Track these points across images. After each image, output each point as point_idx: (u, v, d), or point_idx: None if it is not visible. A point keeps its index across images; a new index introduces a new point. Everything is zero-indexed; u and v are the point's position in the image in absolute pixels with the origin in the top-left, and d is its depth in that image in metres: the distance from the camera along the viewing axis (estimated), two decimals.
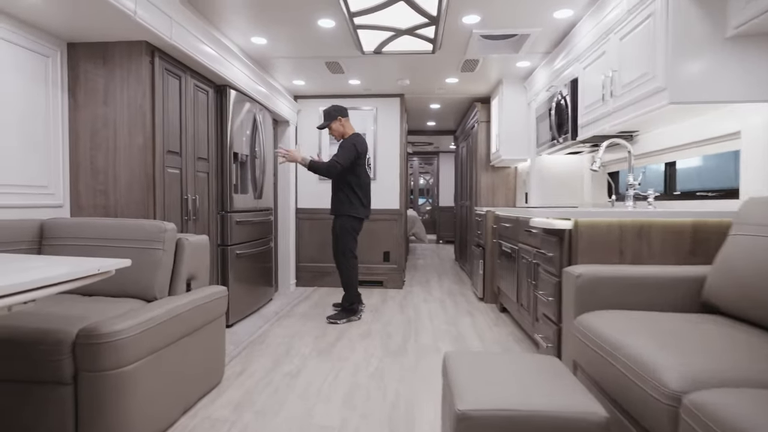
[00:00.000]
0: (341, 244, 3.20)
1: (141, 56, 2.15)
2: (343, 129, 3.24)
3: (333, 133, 3.25)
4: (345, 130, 3.25)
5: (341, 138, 3.23)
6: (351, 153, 3.10)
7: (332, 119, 3.20)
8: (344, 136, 3.22)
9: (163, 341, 1.59)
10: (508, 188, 4.45)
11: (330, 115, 3.21)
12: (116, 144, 2.18)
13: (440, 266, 5.96)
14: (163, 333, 1.58)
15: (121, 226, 1.83)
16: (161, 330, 1.57)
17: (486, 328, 3.04)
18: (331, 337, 2.81)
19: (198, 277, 2.02)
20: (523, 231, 2.66)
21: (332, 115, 3.21)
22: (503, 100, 3.85)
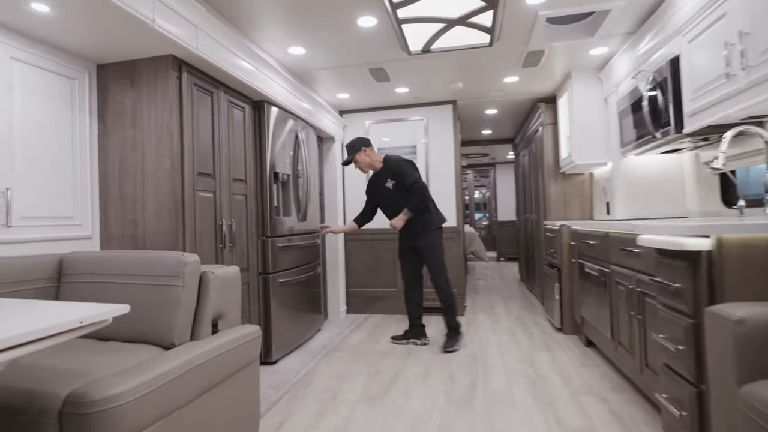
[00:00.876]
0: (437, 261, 3.02)
1: (167, 71, 1.97)
2: (369, 159, 3.03)
3: (360, 165, 3.05)
4: (372, 161, 3.04)
5: (369, 169, 3.07)
6: (411, 167, 3.00)
7: (356, 151, 3.00)
8: (372, 166, 3.05)
9: (178, 401, 1.29)
10: (583, 198, 3.85)
11: (353, 148, 3.01)
12: (144, 168, 2.00)
13: (505, 288, 5.37)
14: (178, 391, 1.29)
15: (138, 259, 1.60)
16: (175, 388, 1.28)
17: (571, 367, 2.48)
18: (384, 378, 2.42)
19: (226, 316, 1.74)
20: (617, 250, 2.12)
21: (355, 147, 3.00)
22: (573, 98, 3.33)
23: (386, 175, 3.01)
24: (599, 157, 3.28)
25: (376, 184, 3.09)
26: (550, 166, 3.91)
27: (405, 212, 2.95)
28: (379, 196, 3.07)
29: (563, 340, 3.06)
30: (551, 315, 3.43)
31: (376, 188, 3.09)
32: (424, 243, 3.02)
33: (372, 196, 3.14)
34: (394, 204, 3.02)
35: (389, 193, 3.01)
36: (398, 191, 3.00)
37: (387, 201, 3.05)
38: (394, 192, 3.00)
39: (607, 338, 2.38)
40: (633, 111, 2.64)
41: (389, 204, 3.04)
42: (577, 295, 2.96)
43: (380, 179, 3.04)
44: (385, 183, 3.02)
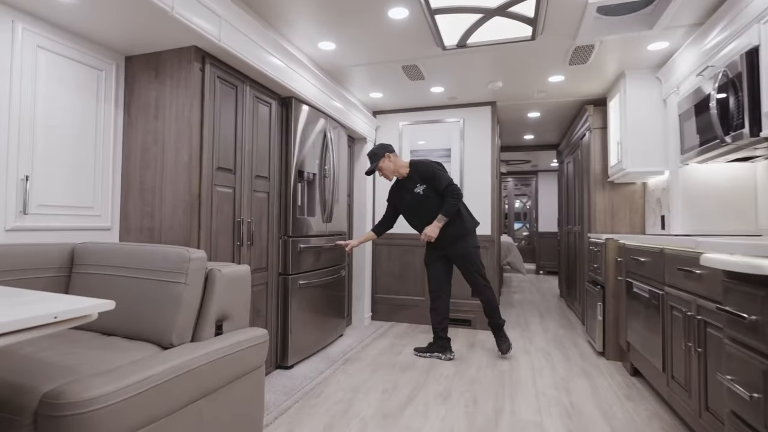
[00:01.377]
0: (477, 267, 2.88)
1: (190, 63, 1.93)
2: (394, 165, 2.89)
3: (384, 173, 2.90)
4: (396, 167, 2.90)
5: (394, 175, 2.91)
6: (443, 171, 2.85)
7: (379, 158, 2.86)
8: (397, 172, 2.90)
9: (167, 407, 1.20)
10: (633, 210, 3.50)
11: (375, 156, 2.87)
12: (163, 161, 1.97)
13: (542, 303, 5.03)
14: (168, 396, 1.20)
15: (143, 253, 1.55)
16: (164, 393, 1.19)
17: (613, 399, 2.20)
18: (402, 394, 2.25)
19: (233, 318, 1.65)
20: (674, 269, 1.85)
21: (378, 154, 2.86)
22: (626, 99, 3.03)
23: (415, 180, 2.86)
24: (654, 165, 2.95)
25: (401, 191, 2.93)
26: (597, 175, 3.59)
27: (440, 218, 2.79)
28: (406, 203, 2.92)
29: (605, 366, 2.75)
30: (592, 337, 3.12)
31: (401, 195, 2.93)
32: (458, 250, 2.85)
33: (397, 204, 2.98)
34: (424, 210, 2.87)
35: (419, 199, 2.86)
36: (429, 196, 2.84)
37: (416, 207, 2.89)
38: (424, 197, 2.84)
39: (657, 370, 2.09)
40: (697, 113, 2.33)
41: (419, 210, 2.89)
42: (623, 316, 2.65)
43: (407, 185, 2.89)
44: (413, 188, 2.86)
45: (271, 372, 2.52)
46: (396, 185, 2.97)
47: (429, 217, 2.87)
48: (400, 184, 2.94)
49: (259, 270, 2.40)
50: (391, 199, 3.01)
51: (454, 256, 2.87)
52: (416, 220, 2.93)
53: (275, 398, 2.16)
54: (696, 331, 1.63)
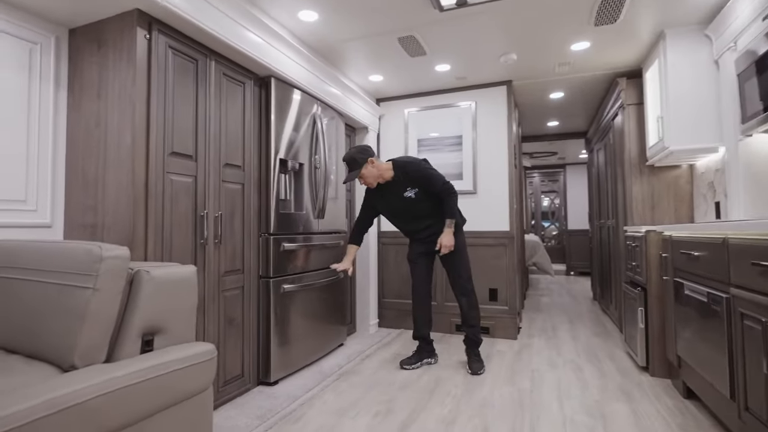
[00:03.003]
0: (467, 266, 2.55)
1: (133, 29, 1.65)
2: (377, 171, 2.48)
3: (367, 180, 2.49)
4: (380, 171, 2.49)
5: (378, 181, 2.51)
6: (432, 169, 2.51)
7: (361, 165, 2.43)
8: (381, 177, 2.50)
9: None
10: (678, 199, 2.99)
11: (356, 162, 2.43)
12: (106, 147, 1.69)
13: (573, 307, 4.51)
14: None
15: (48, 251, 1.25)
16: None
17: (662, 429, 1.74)
18: (397, 419, 1.87)
19: (168, 330, 1.33)
20: (744, 265, 1.39)
21: (357, 160, 2.43)
22: (667, 65, 2.54)
23: (403, 183, 2.49)
24: (705, 140, 2.45)
25: (388, 197, 2.55)
26: (633, 159, 3.09)
27: (449, 223, 2.44)
28: (396, 210, 2.56)
29: (650, 384, 2.27)
30: (632, 348, 2.63)
31: (388, 201, 2.56)
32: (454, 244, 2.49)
33: (383, 210, 2.62)
34: (419, 214, 2.54)
35: (412, 203, 2.50)
36: (422, 199, 2.49)
37: (409, 212, 2.54)
38: (417, 201, 2.49)
39: (722, 395, 1.62)
40: (760, 70, 1.84)
41: (412, 215, 2.54)
42: (671, 324, 2.17)
43: (394, 190, 2.51)
44: (403, 193, 2.50)
45: (250, 389, 2.20)
46: (378, 190, 2.57)
47: (424, 221, 2.54)
48: (384, 189, 2.54)
49: (231, 272, 2.09)
50: (372, 205, 2.62)
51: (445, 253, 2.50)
52: (409, 225, 2.59)
53: (246, 423, 1.83)
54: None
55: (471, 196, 3.42)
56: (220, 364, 2.00)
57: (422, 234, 2.57)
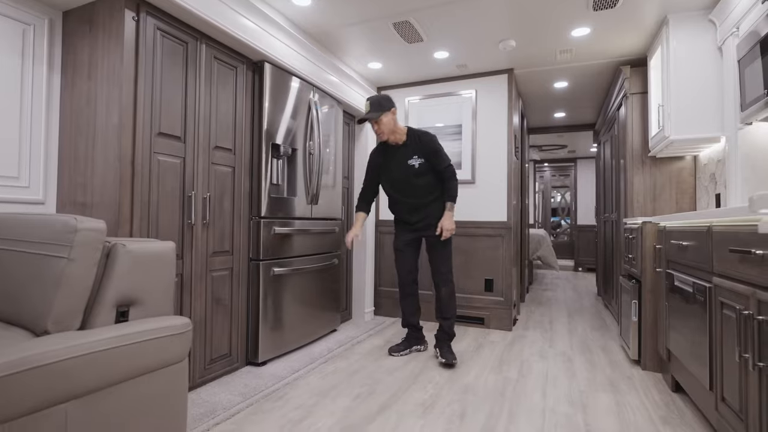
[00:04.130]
0: (449, 261, 2.50)
1: (121, 11, 1.68)
2: (394, 125, 2.45)
3: (381, 129, 2.42)
4: (397, 128, 2.46)
5: (389, 136, 2.46)
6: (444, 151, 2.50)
7: (384, 110, 2.39)
8: (394, 134, 2.46)
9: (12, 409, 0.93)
10: (681, 191, 2.91)
11: (381, 105, 2.39)
12: (95, 125, 1.73)
13: (575, 302, 4.45)
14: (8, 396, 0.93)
15: (27, 223, 1.29)
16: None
17: (645, 423, 1.71)
18: (376, 402, 1.88)
19: (144, 303, 1.37)
20: (724, 252, 1.35)
21: (383, 105, 2.40)
22: (670, 51, 2.46)
23: (412, 150, 2.45)
24: (706, 130, 2.37)
25: (389, 161, 2.51)
26: (636, 150, 3.02)
27: (450, 206, 2.43)
28: (394, 176, 2.51)
29: (639, 378, 2.24)
30: (626, 341, 2.59)
31: (388, 164, 2.52)
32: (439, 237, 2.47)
33: (381, 174, 2.57)
34: (417, 187, 2.47)
35: (413, 173, 2.45)
36: (424, 172, 2.45)
37: (407, 183, 2.48)
38: (419, 172, 2.44)
39: (702, 387, 1.58)
40: (763, 53, 1.77)
41: (410, 187, 2.48)
42: (663, 317, 2.13)
43: (399, 154, 2.49)
44: (407, 160, 2.46)
45: (238, 369, 2.25)
46: (382, 151, 2.55)
47: (421, 197, 2.48)
48: (389, 151, 2.52)
49: (220, 253, 2.13)
50: (374, 168, 2.58)
51: (433, 239, 2.48)
52: (405, 198, 2.51)
53: (229, 399, 1.87)
54: (755, 336, 1.14)
55: (469, 185, 3.40)
56: (206, 343, 2.04)
57: (413, 217, 2.52)
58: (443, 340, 2.48)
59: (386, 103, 2.41)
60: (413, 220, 2.53)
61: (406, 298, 2.59)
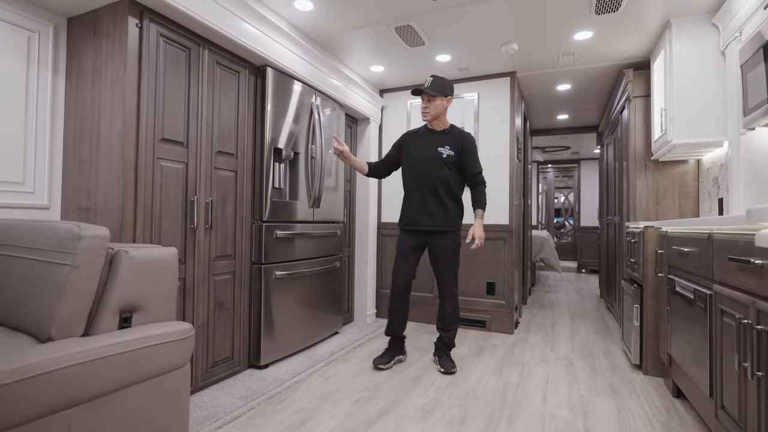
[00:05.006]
0: (455, 267, 2.41)
1: (125, 18, 1.69)
2: (442, 112, 2.40)
3: (430, 108, 2.35)
4: (442, 116, 2.41)
5: (434, 121, 2.40)
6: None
7: (442, 93, 2.33)
8: (440, 121, 2.40)
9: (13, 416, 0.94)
10: (684, 195, 2.90)
11: (442, 87, 2.33)
12: (99, 131, 1.75)
13: (578, 304, 4.44)
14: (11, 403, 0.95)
15: (32, 230, 1.31)
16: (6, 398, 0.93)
17: (644, 428, 1.71)
18: (376, 406, 1.89)
19: (146, 309, 1.38)
20: (724, 260, 1.35)
21: (444, 88, 2.34)
22: (673, 55, 2.46)
23: (448, 140, 2.37)
24: (709, 134, 2.37)
25: (419, 142, 2.42)
26: (639, 153, 3.01)
27: (480, 213, 2.34)
28: (417, 158, 2.39)
29: (641, 382, 2.24)
30: (628, 345, 2.59)
31: (417, 146, 2.42)
32: (447, 244, 2.37)
33: (408, 153, 2.44)
34: (435, 176, 2.35)
35: (439, 162, 2.34)
36: (449, 164, 2.35)
37: (429, 168, 2.35)
38: (445, 163, 2.34)
39: (702, 394, 1.58)
40: (767, 58, 1.77)
41: (430, 173, 2.35)
42: (664, 322, 2.13)
43: (433, 139, 2.39)
44: (438, 147, 2.36)
45: (240, 372, 2.26)
46: (416, 133, 2.47)
47: (437, 190, 2.35)
48: (424, 136, 2.43)
49: (222, 257, 2.15)
50: (401, 146, 2.49)
51: (439, 249, 2.37)
52: (421, 186, 2.37)
53: (231, 403, 1.89)
54: (754, 345, 1.14)
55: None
56: (209, 346, 2.06)
57: (423, 218, 2.37)
58: (443, 349, 2.44)
59: (448, 88, 2.35)
60: (423, 221, 2.38)
61: (398, 305, 2.43)
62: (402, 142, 2.52)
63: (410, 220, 2.42)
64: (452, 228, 2.38)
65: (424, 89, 2.31)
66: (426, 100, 2.35)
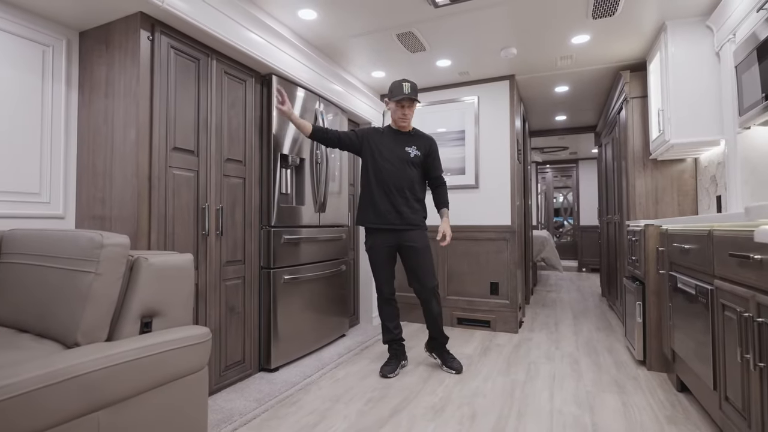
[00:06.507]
0: (432, 262, 2.42)
1: (137, 32, 1.74)
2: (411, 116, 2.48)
3: (410, 118, 2.42)
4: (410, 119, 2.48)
5: (402, 123, 2.43)
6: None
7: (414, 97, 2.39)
8: (405, 121, 2.44)
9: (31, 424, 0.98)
10: (682, 193, 2.95)
11: (417, 93, 2.45)
12: (113, 142, 1.79)
13: (580, 303, 4.49)
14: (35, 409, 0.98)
15: (56, 239, 1.35)
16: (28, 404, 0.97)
17: (650, 422, 1.76)
18: (387, 406, 1.93)
19: (166, 314, 1.42)
20: (724, 256, 1.40)
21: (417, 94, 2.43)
22: (669, 57, 2.52)
23: (415, 141, 2.43)
24: (705, 134, 2.42)
25: (387, 143, 2.41)
26: (637, 153, 3.07)
27: (446, 213, 2.46)
28: (388, 158, 2.38)
29: (645, 378, 2.28)
30: (631, 342, 2.63)
31: (386, 147, 2.40)
32: (420, 241, 2.38)
33: (376, 150, 2.40)
34: (404, 176, 2.37)
35: (407, 162, 2.38)
36: (417, 165, 2.41)
37: (399, 168, 2.37)
38: (412, 163, 2.39)
39: (707, 386, 1.63)
40: (760, 59, 1.82)
41: (399, 172, 2.36)
42: (667, 318, 2.17)
43: (400, 139, 2.42)
44: (406, 147, 2.40)
45: (251, 375, 2.30)
46: (378, 132, 2.46)
47: (406, 190, 2.37)
48: (388, 134, 2.45)
49: (233, 263, 2.19)
50: (366, 141, 2.44)
51: (416, 246, 2.35)
52: (391, 185, 2.35)
53: (244, 405, 1.92)
54: (755, 337, 1.19)
55: (473, 190, 3.45)
56: (221, 350, 2.10)
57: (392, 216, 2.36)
58: (441, 347, 2.46)
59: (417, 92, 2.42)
60: (393, 220, 2.36)
61: (390, 312, 2.44)
62: (366, 136, 2.46)
63: (381, 219, 2.37)
64: (423, 225, 2.44)
65: (416, 98, 2.36)
66: (407, 107, 2.38)
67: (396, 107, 2.39)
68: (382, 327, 2.47)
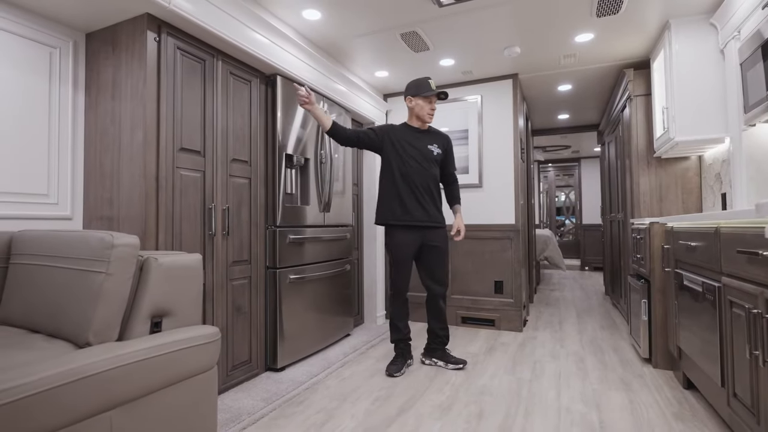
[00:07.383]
0: (449, 265, 2.49)
1: (144, 33, 1.75)
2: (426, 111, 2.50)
3: (431, 114, 2.43)
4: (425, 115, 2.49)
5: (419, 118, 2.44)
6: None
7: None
8: (420, 118, 2.46)
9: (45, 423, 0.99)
10: (686, 191, 2.95)
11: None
12: (120, 143, 1.80)
13: (583, 301, 4.49)
14: (48, 409, 0.99)
15: (67, 239, 1.36)
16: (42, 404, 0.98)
17: (658, 419, 1.76)
18: (395, 404, 1.94)
19: (175, 313, 1.43)
20: (732, 253, 1.40)
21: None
22: (673, 55, 2.52)
23: (435, 139, 2.45)
24: (710, 131, 2.42)
25: (413, 139, 2.41)
26: (641, 151, 3.07)
27: (459, 210, 2.53)
28: (414, 156, 2.37)
29: (651, 375, 2.28)
30: (637, 340, 2.63)
31: (411, 145, 2.39)
32: (444, 241, 2.45)
33: (397, 149, 2.38)
34: (428, 175, 2.38)
35: (431, 160, 2.39)
36: (437, 163, 2.45)
37: (424, 167, 2.37)
38: (436, 159, 2.42)
39: (714, 384, 1.63)
40: (765, 56, 1.82)
41: (424, 171, 2.37)
42: (673, 316, 2.17)
43: (424, 138, 2.43)
44: (429, 145, 2.42)
45: (258, 375, 2.31)
46: (398, 129, 2.44)
47: (431, 189, 2.39)
48: (414, 132, 2.44)
49: (239, 263, 2.19)
50: (389, 139, 2.41)
51: (436, 247, 2.40)
52: (416, 184, 2.35)
53: (252, 405, 1.93)
54: (765, 333, 1.19)
55: (477, 189, 3.45)
56: (228, 350, 2.10)
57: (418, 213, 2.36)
58: (442, 348, 2.48)
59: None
60: (420, 216, 2.36)
61: (403, 314, 2.46)
62: (386, 133, 2.43)
63: (409, 216, 2.36)
64: (445, 223, 2.48)
65: (445, 95, 2.37)
66: (434, 103, 2.43)
67: (424, 103, 2.40)
68: (391, 326, 2.47)
